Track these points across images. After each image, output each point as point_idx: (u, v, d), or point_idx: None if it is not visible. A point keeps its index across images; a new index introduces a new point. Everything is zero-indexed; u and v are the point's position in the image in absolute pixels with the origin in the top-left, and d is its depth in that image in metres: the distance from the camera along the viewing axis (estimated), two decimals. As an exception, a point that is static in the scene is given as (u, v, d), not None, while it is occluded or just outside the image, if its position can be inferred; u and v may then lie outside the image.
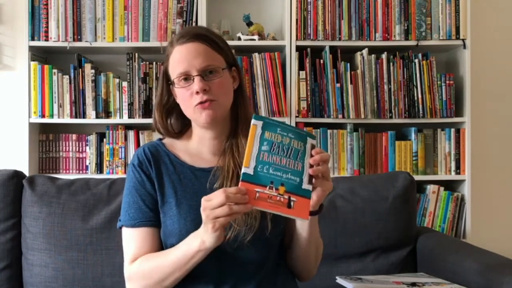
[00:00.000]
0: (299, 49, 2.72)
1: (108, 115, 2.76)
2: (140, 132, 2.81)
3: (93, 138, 2.81)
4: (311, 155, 1.17)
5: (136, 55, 2.75)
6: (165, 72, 1.38)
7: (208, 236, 1.17)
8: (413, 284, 1.55)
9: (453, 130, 2.78)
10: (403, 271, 1.85)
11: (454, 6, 2.75)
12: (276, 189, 1.13)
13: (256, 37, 2.75)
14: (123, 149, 2.79)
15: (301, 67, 2.72)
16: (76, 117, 2.73)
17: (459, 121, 2.77)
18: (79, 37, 2.73)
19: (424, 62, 2.75)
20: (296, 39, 2.71)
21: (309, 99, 2.70)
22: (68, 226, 1.79)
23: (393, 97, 2.73)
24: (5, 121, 2.93)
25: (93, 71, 2.75)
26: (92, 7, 2.73)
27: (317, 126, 2.73)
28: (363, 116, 2.70)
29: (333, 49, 2.72)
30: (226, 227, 1.20)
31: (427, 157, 2.79)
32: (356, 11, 2.73)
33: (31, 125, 2.74)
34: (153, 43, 2.73)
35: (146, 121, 2.73)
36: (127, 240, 1.36)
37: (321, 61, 2.72)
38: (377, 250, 1.88)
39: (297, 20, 2.71)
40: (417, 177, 2.58)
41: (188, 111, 1.34)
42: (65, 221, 1.80)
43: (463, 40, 2.74)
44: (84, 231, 1.79)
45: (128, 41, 2.74)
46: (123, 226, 1.37)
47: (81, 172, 2.83)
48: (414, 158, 2.75)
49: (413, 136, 2.76)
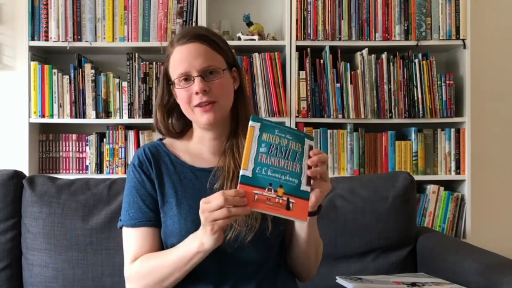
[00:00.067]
0: (299, 49, 2.72)
1: (108, 115, 2.76)
2: (140, 132, 2.81)
3: (93, 138, 2.81)
4: (309, 156, 1.17)
5: (136, 55, 2.75)
6: (165, 72, 1.38)
7: (207, 238, 1.17)
8: (413, 284, 1.55)
9: (453, 130, 2.78)
10: (403, 271, 1.85)
11: (454, 6, 2.75)
12: (275, 191, 1.13)
13: (256, 37, 2.75)
14: (123, 149, 2.79)
15: (301, 67, 2.72)
16: (76, 117, 2.73)
17: (459, 121, 2.77)
18: (79, 37, 2.73)
19: (424, 62, 2.75)
20: (296, 39, 2.71)
21: (309, 99, 2.70)
22: (68, 226, 1.79)
23: (393, 97, 2.73)
24: (5, 121, 2.93)
25: (93, 71, 2.75)
26: (92, 7, 2.73)
27: (317, 126, 2.73)
28: (363, 116, 2.70)
29: (333, 49, 2.72)
30: (226, 228, 1.20)
31: (427, 157, 2.79)
32: (356, 11, 2.73)
33: (31, 125, 2.74)
34: (153, 43, 2.73)
35: (146, 121, 2.73)
36: (127, 240, 1.36)
37: (321, 61, 2.72)
38: (377, 250, 1.88)
39: (297, 20, 2.71)
40: (417, 177, 2.58)
41: (188, 111, 1.34)
42: (65, 221, 1.80)
43: (463, 40, 2.74)
44: (84, 231, 1.79)
45: (128, 41, 2.74)
46: (123, 226, 1.37)
47: (81, 172, 2.83)
48: (414, 158, 2.75)
49: (413, 136, 2.76)
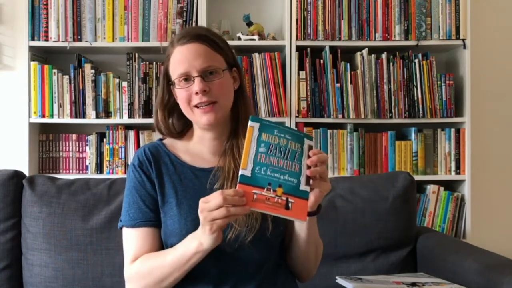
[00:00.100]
0: (299, 49, 2.72)
1: (108, 115, 2.76)
2: (140, 132, 2.81)
3: (93, 138, 2.81)
4: (308, 156, 1.17)
5: (136, 55, 2.75)
6: (165, 72, 1.38)
7: (206, 237, 1.17)
8: (413, 284, 1.55)
9: (453, 130, 2.78)
10: (403, 271, 1.85)
11: (454, 6, 2.75)
12: (274, 190, 1.13)
13: (256, 37, 2.75)
14: (123, 149, 2.79)
15: (301, 67, 2.72)
16: (76, 117, 2.73)
17: (459, 121, 2.77)
18: (79, 37, 2.73)
19: (424, 62, 2.75)
20: (296, 39, 2.71)
21: (309, 99, 2.70)
22: (68, 226, 1.79)
23: (393, 97, 2.73)
24: (5, 121, 2.93)
25: (93, 71, 2.75)
26: (92, 7, 2.73)
27: (317, 126, 2.73)
28: (363, 116, 2.70)
29: (333, 49, 2.72)
30: (226, 228, 1.20)
31: (427, 157, 2.79)
32: (356, 11, 2.73)
33: (31, 125, 2.74)
34: (153, 43, 2.73)
35: (146, 121, 2.73)
36: (128, 241, 1.36)
37: (321, 61, 2.72)
38: (377, 250, 1.88)
39: (297, 20, 2.71)
40: (417, 177, 2.58)
41: (187, 112, 1.35)
42: (65, 221, 1.80)
43: (463, 40, 2.74)
44: (84, 231, 1.79)
45: (128, 41, 2.74)
46: (123, 226, 1.37)
47: (81, 172, 2.83)
48: (414, 158, 2.75)
49: (413, 136, 2.76)
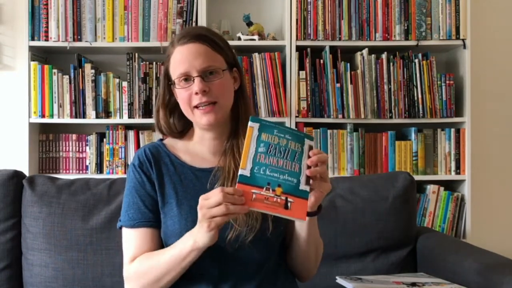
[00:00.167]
0: (299, 49, 2.72)
1: (108, 115, 2.76)
2: (140, 132, 2.81)
3: (93, 138, 2.81)
4: (308, 156, 1.17)
5: (136, 55, 2.75)
6: (166, 72, 1.38)
7: (202, 235, 1.17)
8: (413, 284, 1.55)
9: (453, 130, 2.78)
10: (403, 271, 1.85)
11: (454, 6, 2.75)
12: (273, 190, 1.13)
13: (256, 37, 2.75)
14: (123, 149, 2.79)
15: (301, 67, 2.72)
16: (76, 117, 2.73)
17: (459, 121, 2.77)
18: (79, 37, 2.73)
19: (424, 62, 2.75)
20: (296, 39, 2.71)
21: (309, 99, 2.70)
22: (68, 226, 1.80)
23: (393, 97, 2.73)
24: (5, 121, 2.93)
25: (93, 71, 2.74)
26: (92, 7, 2.73)
27: (317, 126, 2.73)
28: (363, 116, 2.70)
29: (333, 49, 2.72)
30: (226, 228, 1.20)
31: (427, 157, 2.79)
32: (356, 11, 2.73)
33: (31, 125, 2.74)
34: (153, 43, 2.73)
35: (146, 121, 2.73)
36: (127, 241, 1.36)
37: (321, 61, 2.72)
38: (377, 250, 1.88)
39: (297, 20, 2.71)
40: (417, 177, 2.58)
41: (187, 112, 1.35)
42: (65, 221, 1.80)
43: (463, 40, 2.74)
44: (84, 231, 1.79)
45: (128, 41, 2.74)
46: (122, 226, 1.37)
47: (81, 172, 2.83)
48: (414, 158, 2.75)
49: (413, 136, 2.76)
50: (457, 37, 2.75)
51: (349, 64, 2.73)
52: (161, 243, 1.35)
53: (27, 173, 2.52)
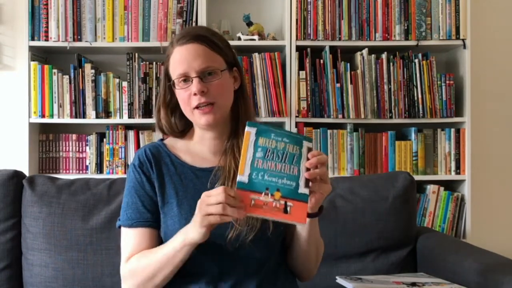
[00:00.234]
0: (299, 49, 2.72)
1: (108, 115, 2.76)
2: (140, 132, 2.81)
3: (93, 138, 2.81)
4: (307, 158, 1.17)
5: (136, 55, 2.75)
6: (166, 72, 1.38)
7: (194, 230, 1.18)
8: (413, 284, 1.55)
9: (453, 130, 2.78)
10: (403, 271, 1.85)
11: (454, 6, 2.75)
12: (272, 195, 1.13)
13: (256, 37, 2.75)
14: (123, 149, 2.79)
15: (301, 67, 2.72)
16: (76, 117, 2.73)
17: (459, 121, 2.77)
18: (79, 37, 2.73)
19: (424, 62, 2.75)
20: (296, 39, 2.71)
21: (309, 99, 2.70)
22: (68, 226, 1.80)
23: (393, 97, 2.73)
24: (5, 121, 2.93)
25: (93, 71, 2.74)
26: (92, 7, 2.73)
27: (317, 126, 2.72)
28: (363, 116, 2.70)
29: (333, 49, 2.72)
30: (227, 227, 1.20)
31: (427, 157, 2.79)
32: (356, 11, 2.73)
33: (31, 125, 2.74)
34: (153, 43, 2.73)
35: (146, 121, 2.73)
36: (124, 240, 1.37)
37: (321, 61, 2.72)
38: (377, 250, 1.88)
39: (297, 20, 2.71)
40: (417, 177, 2.58)
41: (187, 112, 1.35)
42: (65, 221, 1.80)
43: (463, 40, 2.74)
44: (84, 231, 1.79)
45: (128, 41, 2.74)
46: (121, 225, 1.38)
47: (81, 172, 2.83)
48: (414, 158, 2.75)
49: (413, 136, 2.76)
50: (457, 37, 2.75)
51: (349, 64, 2.73)
52: (159, 243, 1.35)
53: (27, 173, 2.52)
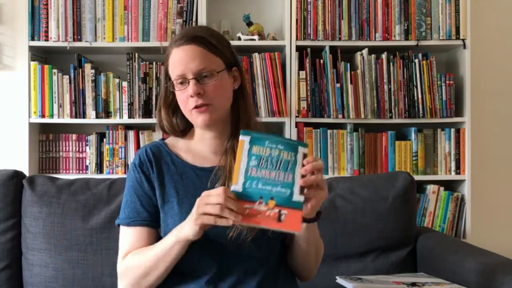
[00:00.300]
0: (299, 49, 2.72)
1: (108, 115, 2.76)
2: (140, 132, 2.81)
3: (93, 138, 2.81)
4: (302, 164, 1.16)
5: (136, 55, 2.75)
6: (166, 72, 1.39)
7: (187, 226, 1.19)
8: (413, 284, 1.55)
9: (453, 130, 2.78)
10: (403, 271, 1.85)
11: (454, 6, 2.75)
12: (266, 203, 1.13)
13: (256, 37, 2.75)
14: (123, 149, 2.79)
15: (301, 67, 2.72)
16: (76, 117, 2.73)
17: (459, 121, 2.77)
18: (79, 37, 2.73)
19: (424, 62, 2.75)
20: (296, 39, 2.71)
21: (309, 99, 2.70)
22: (68, 226, 1.80)
23: (393, 97, 2.73)
24: (5, 121, 2.93)
25: (93, 71, 2.74)
26: (92, 7, 2.73)
27: (317, 126, 2.73)
28: (363, 116, 2.70)
29: (333, 49, 2.72)
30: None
31: (427, 157, 2.79)
32: (356, 11, 2.73)
33: (31, 125, 2.73)
34: (153, 43, 2.73)
35: (146, 121, 2.73)
36: (122, 238, 1.38)
37: (321, 61, 2.72)
38: (377, 250, 1.88)
39: (297, 20, 2.71)
40: (417, 177, 2.58)
41: (186, 112, 1.36)
42: (65, 221, 1.80)
43: (463, 40, 2.74)
44: (84, 231, 1.80)
45: (128, 41, 2.74)
46: (119, 224, 1.39)
47: (81, 172, 2.83)
48: (414, 158, 2.75)
49: (413, 136, 2.76)
50: (457, 37, 2.75)
51: (349, 64, 2.73)
52: (156, 242, 1.35)
53: (27, 173, 2.52)
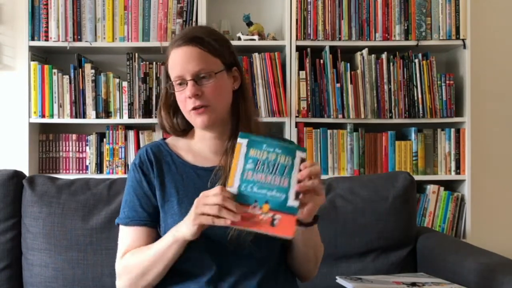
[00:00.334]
0: (299, 49, 2.72)
1: (108, 115, 2.76)
2: (140, 132, 2.81)
3: (93, 138, 2.81)
4: (299, 169, 1.15)
5: (136, 55, 2.75)
6: (166, 72, 1.39)
7: (185, 226, 1.20)
8: (413, 284, 1.55)
9: (453, 130, 2.78)
10: (403, 271, 1.85)
11: (454, 6, 2.75)
12: (260, 207, 1.12)
13: (256, 37, 2.75)
14: (123, 149, 2.79)
15: (301, 67, 2.72)
16: (76, 117, 2.73)
17: (459, 121, 2.77)
18: (79, 37, 2.73)
19: (424, 62, 2.75)
20: (296, 39, 2.71)
21: (309, 99, 2.70)
22: (68, 226, 1.80)
23: (393, 97, 2.73)
24: (5, 121, 2.93)
25: (93, 71, 2.74)
26: (92, 7, 2.73)
27: (317, 126, 2.73)
28: (363, 116, 2.70)
29: (333, 49, 2.72)
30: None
31: (427, 157, 2.79)
32: (356, 11, 2.73)
33: (31, 125, 2.73)
34: (153, 43, 2.73)
35: (146, 121, 2.73)
36: (121, 237, 1.39)
37: (321, 61, 2.72)
38: (377, 250, 1.88)
39: (297, 20, 2.71)
40: (417, 177, 2.58)
41: (185, 113, 1.36)
42: (65, 221, 1.80)
43: (463, 40, 2.74)
44: (84, 231, 1.80)
45: (128, 41, 2.74)
46: (119, 223, 1.40)
47: (81, 172, 2.83)
48: (414, 158, 2.75)
49: (413, 136, 2.76)
50: (457, 37, 2.75)
51: (349, 64, 2.73)
52: (155, 241, 1.36)
53: (27, 173, 2.52)
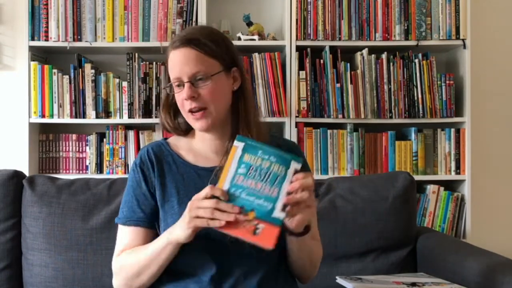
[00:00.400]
0: (299, 49, 2.72)
1: (108, 115, 2.76)
2: (140, 132, 2.81)
3: (93, 138, 2.81)
4: (292, 181, 1.14)
5: (136, 55, 2.75)
6: (166, 72, 1.39)
7: (180, 228, 1.20)
8: (413, 284, 1.55)
9: (453, 130, 2.78)
10: (403, 271, 1.85)
11: (454, 6, 2.75)
12: (246, 214, 1.11)
13: (256, 37, 2.75)
14: (123, 149, 2.79)
15: (301, 67, 2.72)
16: (76, 117, 2.73)
17: (459, 121, 2.77)
18: (79, 37, 2.73)
19: (424, 62, 2.75)
20: (296, 39, 2.71)
21: (309, 99, 2.70)
22: (68, 226, 1.80)
23: (393, 97, 2.73)
24: (5, 121, 2.93)
25: (93, 71, 2.74)
26: (92, 7, 2.73)
27: (317, 126, 2.73)
28: (363, 116, 2.70)
29: (333, 49, 2.72)
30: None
31: (427, 157, 2.79)
32: (356, 11, 2.73)
33: (31, 125, 2.73)
34: (153, 43, 2.73)
35: (146, 121, 2.73)
36: (119, 236, 1.40)
37: (321, 61, 2.72)
38: (377, 250, 1.88)
39: (297, 20, 2.71)
40: (417, 177, 2.57)
41: (184, 114, 1.36)
42: (65, 221, 1.80)
43: (463, 40, 2.74)
44: (84, 231, 1.80)
45: (128, 41, 2.74)
46: (117, 222, 1.41)
47: (81, 172, 2.83)
48: (414, 158, 2.75)
49: (413, 136, 2.76)
50: (457, 37, 2.75)
51: (349, 64, 2.73)
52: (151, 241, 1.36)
53: (27, 173, 2.52)
